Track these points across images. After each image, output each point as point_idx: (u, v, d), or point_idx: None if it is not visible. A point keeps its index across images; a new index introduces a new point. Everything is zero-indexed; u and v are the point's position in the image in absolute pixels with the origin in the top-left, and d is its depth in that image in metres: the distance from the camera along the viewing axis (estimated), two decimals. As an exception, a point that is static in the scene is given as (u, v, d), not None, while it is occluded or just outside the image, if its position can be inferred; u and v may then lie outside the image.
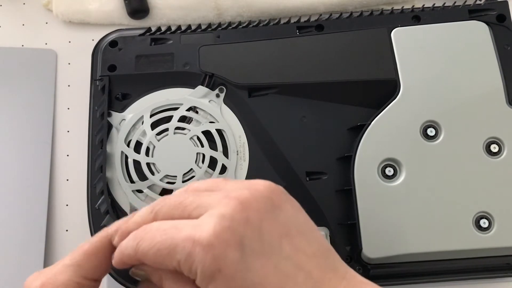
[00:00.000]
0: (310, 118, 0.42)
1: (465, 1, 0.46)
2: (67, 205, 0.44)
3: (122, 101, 0.43)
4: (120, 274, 0.36)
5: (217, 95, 0.43)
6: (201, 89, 0.42)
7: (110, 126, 0.42)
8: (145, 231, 0.26)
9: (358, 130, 0.40)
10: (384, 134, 0.40)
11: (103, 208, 0.39)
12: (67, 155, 0.46)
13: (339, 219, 0.40)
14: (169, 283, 0.26)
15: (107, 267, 0.28)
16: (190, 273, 0.24)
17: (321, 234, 0.27)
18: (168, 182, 0.40)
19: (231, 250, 0.24)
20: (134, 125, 0.42)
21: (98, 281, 0.28)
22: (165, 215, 0.27)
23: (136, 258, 0.26)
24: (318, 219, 0.39)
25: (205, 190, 0.27)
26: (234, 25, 0.46)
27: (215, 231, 0.24)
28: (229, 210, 0.25)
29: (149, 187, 0.40)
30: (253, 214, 0.25)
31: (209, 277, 0.24)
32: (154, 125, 0.41)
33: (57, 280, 0.26)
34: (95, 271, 0.27)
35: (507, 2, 0.44)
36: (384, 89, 0.42)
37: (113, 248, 0.28)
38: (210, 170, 0.40)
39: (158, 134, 0.41)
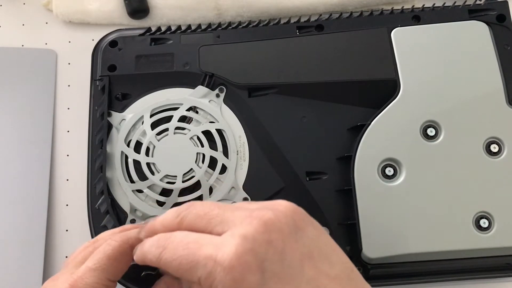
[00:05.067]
0: (310, 118, 0.42)
1: (465, 1, 0.46)
2: (67, 205, 0.44)
3: (122, 101, 0.43)
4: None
5: (217, 95, 0.43)
6: (201, 89, 0.43)
7: (110, 126, 0.42)
8: (168, 240, 0.26)
9: (358, 130, 0.40)
10: (384, 134, 0.40)
11: (103, 208, 0.39)
12: (67, 155, 0.45)
13: (339, 219, 0.40)
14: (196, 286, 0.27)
15: (126, 268, 0.30)
16: None
17: (344, 254, 0.27)
18: (168, 182, 0.40)
19: (252, 273, 0.24)
20: (134, 125, 0.42)
21: (116, 281, 0.30)
22: (189, 223, 0.27)
23: (158, 266, 0.27)
24: (318, 219, 0.39)
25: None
26: (234, 25, 0.46)
27: (237, 253, 0.24)
28: (252, 230, 0.25)
29: (149, 187, 0.40)
30: (276, 236, 0.25)
31: None
32: (154, 125, 0.41)
33: (86, 283, 0.28)
34: (117, 273, 0.29)
35: (507, 2, 0.44)
36: (384, 89, 0.42)
37: (132, 251, 0.30)
38: (210, 170, 0.40)
39: (158, 134, 0.41)
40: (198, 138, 0.41)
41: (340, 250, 0.28)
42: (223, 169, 0.40)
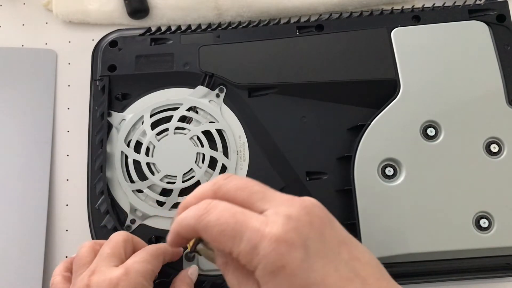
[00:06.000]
0: (310, 118, 0.42)
1: (465, 1, 0.46)
2: (67, 205, 0.44)
3: (122, 101, 0.43)
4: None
5: (217, 95, 0.43)
6: (201, 89, 0.43)
7: (110, 126, 0.42)
8: (211, 205, 0.26)
9: (358, 130, 0.40)
10: (384, 134, 0.40)
11: (103, 208, 0.39)
12: (67, 155, 0.46)
13: (339, 219, 0.39)
14: (232, 269, 0.27)
15: (161, 265, 0.34)
16: (249, 264, 0.25)
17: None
18: (168, 182, 0.40)
19: (296, 249, 0.25)
20: (134, 125, 0.42)
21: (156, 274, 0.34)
22: (228, 192, 0.27)
23: (194, 229, 0.26)
24: (318, 219, 0.39)
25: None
26: (234, 25, 0.46)
27: (284, 229, 0.25)
28: (295, 211, 0.26)
29: (149, 187, 0.40)
30: (316, 219, 0.26)
31: (271, 273, 0.24)
32: (154, 125, 0.41)
33: (138, 269, 0.32)
34: (157, 267, 0.34)
35: (507, 2, 0.44)
36: (384, 89, 0.42)
37: (166, 253, 0.35)
38: (210, 170, 0.40)
39: (158, 134, 0.41)
40: (198, 138, 0.41)
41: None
42: (223, 169, 0.40)
